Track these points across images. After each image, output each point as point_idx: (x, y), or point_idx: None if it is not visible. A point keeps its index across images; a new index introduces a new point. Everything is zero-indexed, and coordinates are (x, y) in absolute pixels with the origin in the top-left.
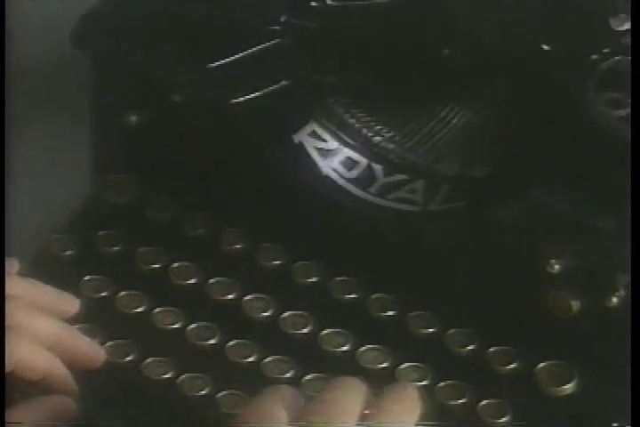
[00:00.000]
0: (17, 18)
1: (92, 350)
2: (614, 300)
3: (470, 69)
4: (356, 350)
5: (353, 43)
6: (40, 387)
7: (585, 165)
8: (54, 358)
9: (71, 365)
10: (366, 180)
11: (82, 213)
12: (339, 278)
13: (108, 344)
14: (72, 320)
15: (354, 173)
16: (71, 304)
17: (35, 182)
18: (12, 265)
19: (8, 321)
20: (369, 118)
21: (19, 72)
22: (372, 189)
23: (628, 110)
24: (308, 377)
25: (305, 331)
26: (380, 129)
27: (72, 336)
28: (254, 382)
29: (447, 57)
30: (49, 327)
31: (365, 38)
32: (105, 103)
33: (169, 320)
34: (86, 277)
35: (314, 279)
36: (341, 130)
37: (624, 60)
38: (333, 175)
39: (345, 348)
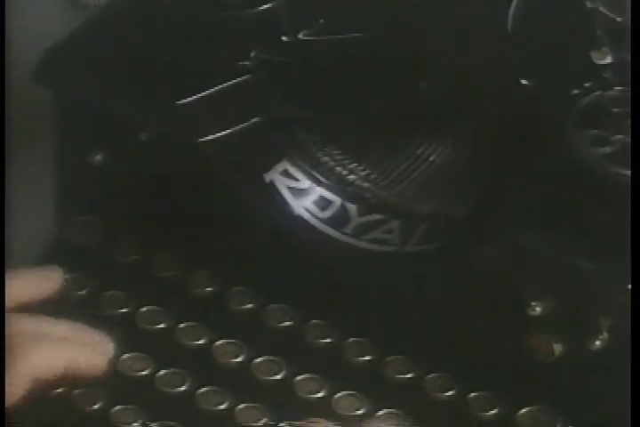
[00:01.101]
0: None
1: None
2: (597, 343)
3: (448, 104)
4: (331, 396)
5: (326, 78)
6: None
7: (567, 204)
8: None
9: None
10: (340, 220)
11: (46, 255)
12: (313, 322)
13: (74, 392)
14: None
15: (327, 213)
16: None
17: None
18: None
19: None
20: (343, 156)
21: None
22: (347, 230)
23: (613, 148)
24: (283, 425)
25: (278, 377)
26: (355, 167)
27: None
28: None
29: (424, 91)
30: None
31: (339, 73)
32: (69, 142)
33: (137, 367)
34: None
35: (287, 323)
36: (314, 168)
37: (606, 94)
38: (306, 215)
39: (320, 394)
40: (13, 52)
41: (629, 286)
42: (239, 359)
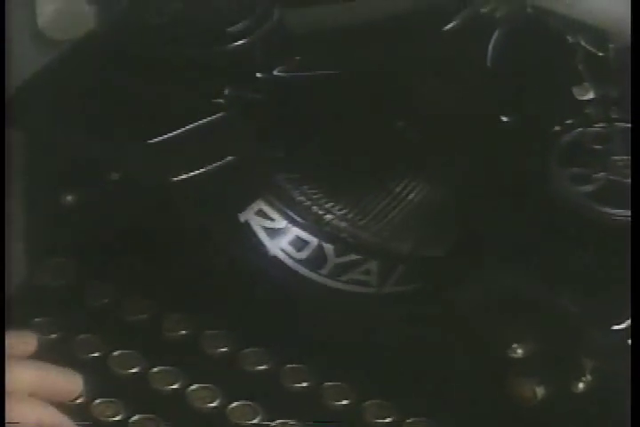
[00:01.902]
0: None
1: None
2: (580, 385)
3: (426, 142)
4: None
5: (301, 115)
6: None
7: (549, 244)
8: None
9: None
10: (317, 260)
11: (17, 297)
12: (290, 366)
13: None
14: None
15: (304, 254)
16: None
17: None
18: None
19: None
20: (319, 195)
21: None
22: (324, 271)
23: (595, 186)
24: None
25: (255, 421)
26: (332, 206)
27: (50, 374)
28: None
29: (402, 129)
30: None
31: (315, 110)
32: (40, 182)
33: (110, 412)
34: None
35: (263, 367)
36: (290, 208)
37: (588, 131)
38: (282, 256)
39: None
40: None
41: (614, 327)
42: (214, 404)
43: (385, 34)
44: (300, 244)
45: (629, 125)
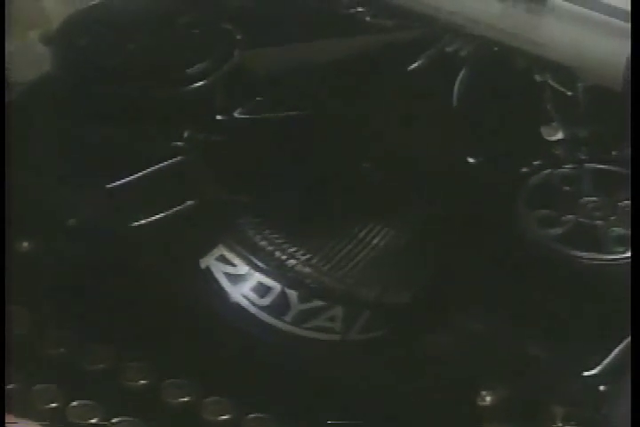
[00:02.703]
0: None
1: None
2: None
3: (392, 185)
4: None
5: (263, 158)
6: None
7: (518, 289)
8: None
9: None
10: (280, 307)
11: None
12: (252, 415)
13: None
14: None
15: (267, 300)
16: None
17: None
18: None
19: None
20: (282, 240)
21: None
22: (287, 318)
23: (564, 229)
24: None
25: None
26: (295, 251)
27: None
28: None
29: (366, 172)
30: None
31: (277, 153)
32: None
33: None
34: None
35: (225, 417)
36: (252, 253)
37: (556, 172)
38: (244, 303)
39: None
40: None
41: (585, 373)
42: None
43: (347, 74)
44: (262, 290)
45: (599, 166)
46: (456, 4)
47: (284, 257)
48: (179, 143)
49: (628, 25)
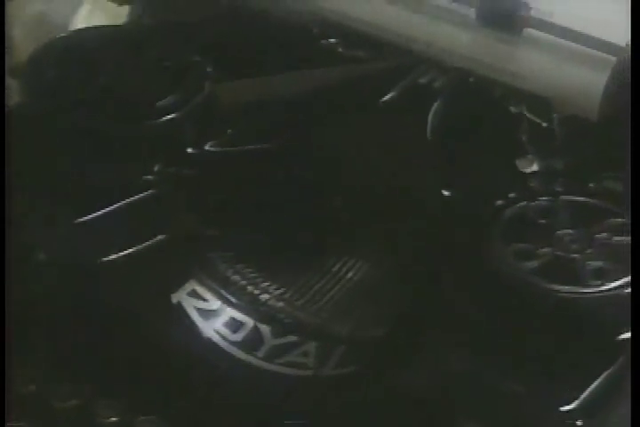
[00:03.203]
0: None
1: None
2: None
3: (365, 218)
4: None
5: (235, 192)
6: None
7: (494, 324)
8: None
9: None
10: (253, 342)
11: None
12: None
13: None
14: None
15: (239, 336)
16: None
17: None
18: None
19: None
20: (255, 274)
21: None
22: (260, 353)
23: (540, 262)
24: None
25: None
26: (268, 286)
27: None
28: None
29: (339, 205)
30: None
31: (249, 186)
32: None
33: None
34: None
35: None
36: (224, 288)
37: (532, 205)
38: (216, 338)
39: None
40: None
41: (562, 408)
42: None
43: (320, 106)
44: (235, 325)
45: (575, 198)
46: (430, 34)
47: (256, 291)
48: (149, 177)
49: (605, 55)
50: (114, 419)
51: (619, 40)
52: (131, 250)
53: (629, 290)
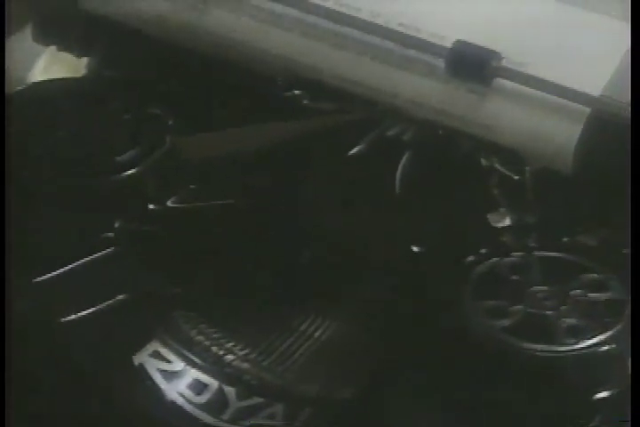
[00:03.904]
0: None
1: None
2: None
3: (332, 274)
4: None
5: (198, 249)
6: None
7: (464, 383)
8: None
9: None
10: (218, 405)
11: None
12: None
13: None
14: None
15: (204, 398)
16: None
17: None
18: None
19: None
20: (219, 334)
21: None
22: (225, 416)
23: (512, 320)
24: None
25: None
26: (233, 346)
27: None
28: None
29: (306, 262)
30: None
31: (212, 243)
32: None
33: None
34: None
35: None
36: (188, 348)
37: (504, 261)
38: (180, 401)
39: None
40: None
41: None
42: None
43: (285, 160)
44: (199, 387)
45: (549, 254)
46: (398, 86)
47: (221, 352)
48: (110, 234)
49: (578, 106)
50: None
51: (593, 90)
52: (91, 310)
53: (606, 348)
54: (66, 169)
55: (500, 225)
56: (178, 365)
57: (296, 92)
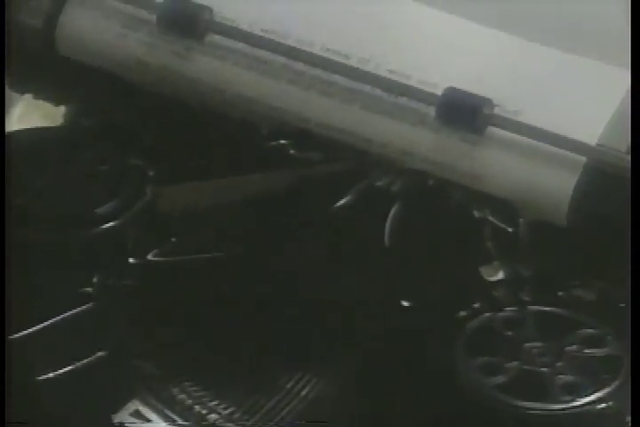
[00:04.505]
0: None
1: None
2: None
3: (319, 331)
4: None
5: (180, 304)
6: None
7: None
8: None
9: None
10: None
11: None
12: None
13: None
14: None
15: None
16: None
17: None
18: None
19: None
20: (202, 393)
21: None
22: None
23: (506, 377)
24: None
25: None
26: (216, 405)
27: None
28: None
29: (293, 318)
30: None
31: (194, 298)
32: None
33: None
34: None
35: None
36: (170, 407)
37: (498, 316)
38: None
39: None
40: None
41: None
42: None
43: (270, 212)
44: None
45: (543, 308)
46: (387, 135)
47: (204, 411)
48: (88, 289)
49: (574, 155)
50: None
51: (589, 139)
52: (69, 367)
53: (603, 405)
54: (42, 222)
55: (493, 278)
56: (159, 425)
57: (282, 141)
